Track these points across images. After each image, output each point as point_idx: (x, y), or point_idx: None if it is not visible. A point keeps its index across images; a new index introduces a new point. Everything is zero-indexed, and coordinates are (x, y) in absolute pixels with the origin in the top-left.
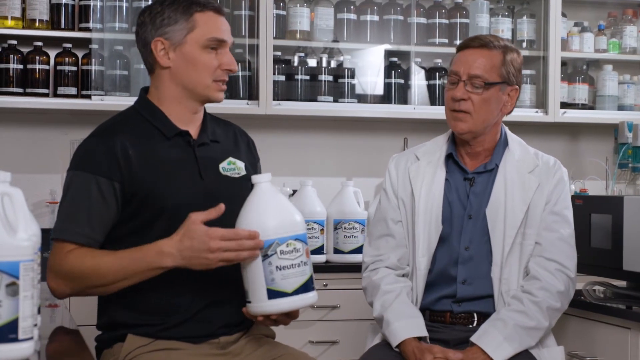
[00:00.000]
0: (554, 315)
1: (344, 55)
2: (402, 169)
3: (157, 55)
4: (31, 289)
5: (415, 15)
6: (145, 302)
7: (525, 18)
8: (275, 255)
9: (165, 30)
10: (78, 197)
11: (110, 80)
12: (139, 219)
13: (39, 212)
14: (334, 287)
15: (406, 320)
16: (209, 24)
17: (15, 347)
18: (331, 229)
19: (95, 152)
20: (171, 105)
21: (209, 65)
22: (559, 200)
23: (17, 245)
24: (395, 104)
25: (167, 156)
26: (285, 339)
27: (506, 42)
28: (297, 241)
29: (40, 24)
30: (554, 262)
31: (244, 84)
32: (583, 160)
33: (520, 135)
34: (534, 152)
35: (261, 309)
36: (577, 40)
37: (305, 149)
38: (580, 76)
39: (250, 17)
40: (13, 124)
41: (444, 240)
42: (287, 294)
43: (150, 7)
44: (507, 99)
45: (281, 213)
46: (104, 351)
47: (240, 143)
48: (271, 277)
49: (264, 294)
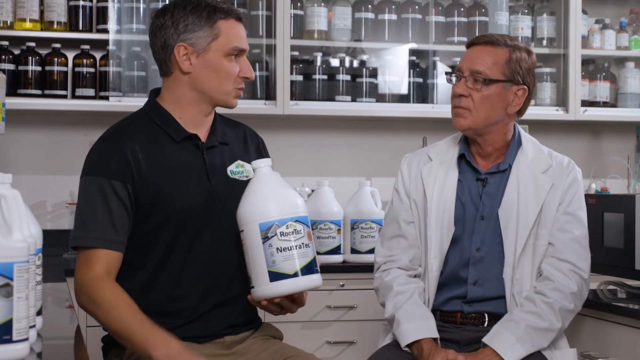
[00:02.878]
0: (567, 316)
1: (370, 55)
2: (414, 169)
3: (179, 60)
4: (26, 290)
5: (434, 13)
6: (150, 305)
7: (545, 15)
8: (275, 237)
9: (188, 36)
10: (96, 201)
11: (128, 81)
12: (147, 222)
13: (59, 213)
14: (350, 287)
15: (417, 321)
16: (232, 32)
17: (9, 348)
18: (348, 229)
19: (107, 156)
20: (184, 108)
21: (231, 73)
22: (573, 201)
23: (11, 247)
24: (414, 103)
25: (176, 160)
26: (301, 339)
27: (519, 42)
28: (297, 223)
29: (58, 26)
30: (567, 263)
31: (261, 84)
32: (604, 159)
33: (542, 134)
34: (547, 152)
35: (263, 293)
36: (598, 37)
37: (323, 148)
38: (602, 74)
39: (268, 17)
40: (32, 125)
41: (456, 241)
42: (289, 276)
43: (172, 9)
44: (513, 98)
45: (280, 195)
46: (109, 351)
47: (250, 144)
48: (272, 259)
49: (265, 277)
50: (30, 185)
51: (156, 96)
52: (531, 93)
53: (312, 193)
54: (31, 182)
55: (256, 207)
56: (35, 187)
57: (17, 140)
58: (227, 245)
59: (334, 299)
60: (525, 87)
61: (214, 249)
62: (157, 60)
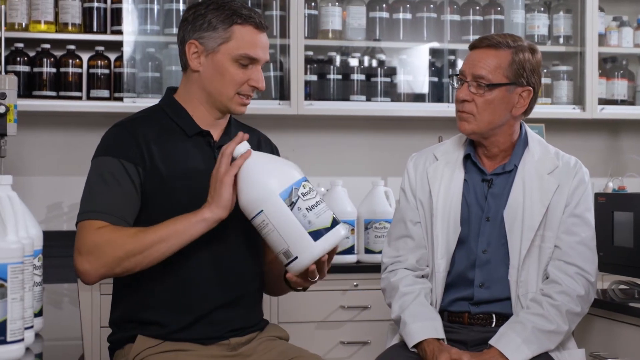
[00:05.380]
0: (573, 319)
1: (385, 54)
2: (420, 169)
3: (189, 57)
4: (20, 292)
5: (449, 12)
6: (156, 299)
7: (561, 13)
8: (300, 199)
9: (202, 34)
10: (106, 178)
11: (143, 82)
12: (151, 211)
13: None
14: (364, 287)
15: (423, 322)
16: (246, 39)
17: (4, 349)
18: (362, 229)
19: (120, 139)
20: (196, 106)
21: (235, 78)
22: (580, 202)
23: (4, 248)
24: (429, 102)
25: (186, 154)
26: (315, 339)
27: (522, 41)
28: (307, 182)
29: (72, 28)
30: (574, 266)
31: (275, 84)
32: (623, 157)
33: (558, 133)
34: (554, 151)
35: (312, 255)
36: (615, 35)
37: (338, 148)
38: (619, 71)
39: (282, 17)
40: (47, 127)
41: (462, 242)
42: (328, 229)
43: (197, 5)
44: (518, 100)
45: (280, 165)
46: (115, 352)
47: (264, 149)
48: (307, 220)
49: (308, 240)
50: (47, 187)
51: (173, 93)
52: (537, 92)
53: (326, 193)
54: (47, 184)
55: (266, 183)
56: (51, 188)
57: (33, 142)
58: (231, 245)
59: (348, 299)
60: (530, 88)
61: (217, 248)
62: (179, 54)
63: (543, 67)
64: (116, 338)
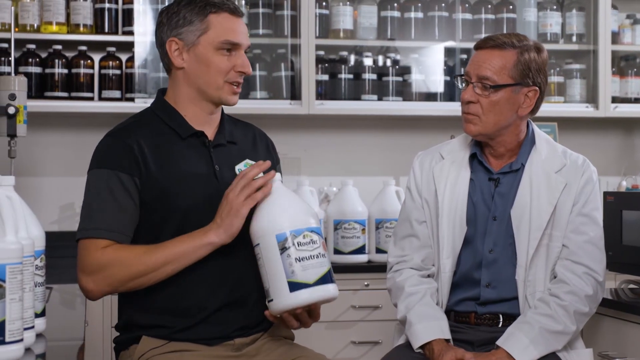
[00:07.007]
0: (581, 319)
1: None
2: (426, 168)
3: (172, 55)
4: (19, 292)
5: (461, 11)
6: (160, 303)
7: (574, 11)
8: (293, 247)
9: (180, 30)
10: (103, 193)
11: (154, 83)
12: (151, 218)
13: None
14: (375, 287)
15: (429, 322)
16: (224, 25)
17: (2, 349)
18: (373, 229)
19: (114, 150)
20: (187, 106)
21: (221, 66)
22: (588, 201)
23: (3, 248)
24: (441, 102)
25: (182, 157)
26: (326, 339)
27: (528, 40)
28: (312, 233)
29: (84, 29)
30: (582, 266)
31: (286, 84)
32: (636, 156)
33: (571, 131)
34: (562, 150)
35: (284, 304)
36: (629, 32)
37: (349, 148)
38: (633, 70)
39: (293, 17)
40: (59, 128)
41: (468, 242)
42: (309, 285)
43: (168, 7)
44: (524, 100)
45: (294, 207)
46: (120, 352)
47: (259, 144)
48: (291, 270)
49: (285, 288)
50: (59, 187)
51: (163, 94)
52: (543, 92)
53: (337, 193)
54: (59, 184)
55: (271, 220)
56: (63, 189)
57: (45, 143)
58: (233, 245)
59: (359, 299)
60: (537, 88)
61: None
62: (161, 59)
63: (556, 65)
64: (121, 339)
